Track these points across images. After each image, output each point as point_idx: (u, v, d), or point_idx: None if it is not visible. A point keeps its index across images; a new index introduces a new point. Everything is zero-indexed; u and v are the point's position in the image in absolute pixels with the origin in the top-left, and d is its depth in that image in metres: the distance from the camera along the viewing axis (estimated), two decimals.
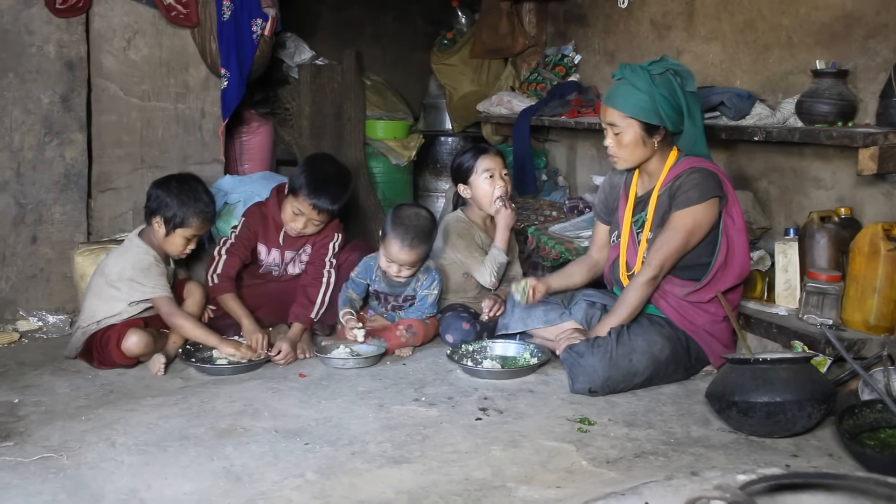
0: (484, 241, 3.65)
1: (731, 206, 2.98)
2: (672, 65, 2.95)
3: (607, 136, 3.00)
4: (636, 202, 3.12)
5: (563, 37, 5.05)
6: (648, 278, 2.95)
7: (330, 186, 3.44)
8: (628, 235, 3.11)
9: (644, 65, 2.93)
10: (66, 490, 2.15)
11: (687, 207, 2.92)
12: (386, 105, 5.19)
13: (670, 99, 2.89)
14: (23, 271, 3.71)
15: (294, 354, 3.25)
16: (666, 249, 2.94)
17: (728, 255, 2.99)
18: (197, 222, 3.31)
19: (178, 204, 3.27)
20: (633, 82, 2.89)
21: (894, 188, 3.12)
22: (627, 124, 2.93)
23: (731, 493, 1.12)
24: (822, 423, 2.55)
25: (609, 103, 2.97)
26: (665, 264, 2.96)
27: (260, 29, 4.09)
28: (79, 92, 3.76)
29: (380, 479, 2.23)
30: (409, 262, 3.34)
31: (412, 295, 3.48)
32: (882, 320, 2.90)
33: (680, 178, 2.96)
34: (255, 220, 3.55)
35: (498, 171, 3.60)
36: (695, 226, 2.93)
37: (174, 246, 3.31)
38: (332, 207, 3.46)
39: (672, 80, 2.90)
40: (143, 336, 3.09)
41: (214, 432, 2.53)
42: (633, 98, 2.89)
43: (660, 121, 2.91)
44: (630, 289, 3.00)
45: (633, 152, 2.98)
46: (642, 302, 3.00)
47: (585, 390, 2.87)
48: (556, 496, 2.14)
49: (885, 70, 3.03)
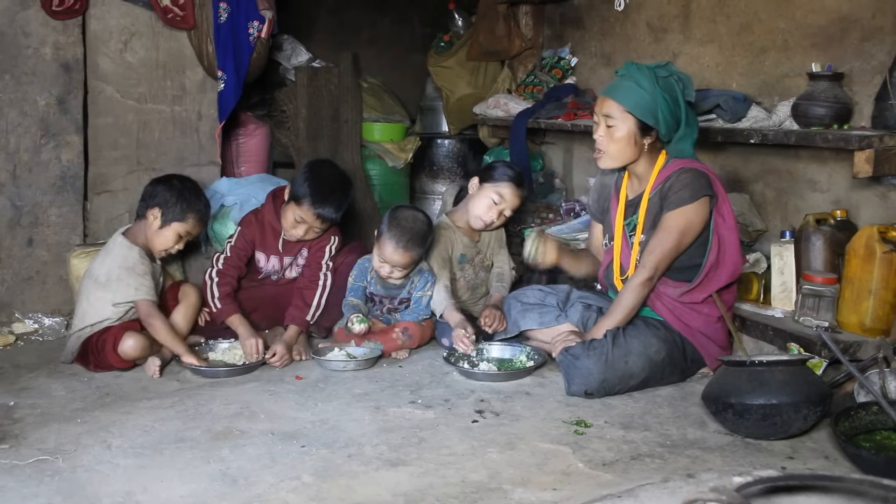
0: (466, 244, 3.65)
1: (721, 204, 2.99)
2: (676, 71, 2.97)
3: (598, 129, 2.99)
4: (627, 205, 3.13)
5: (560, 39, 5.05)
6: (643, 280, 2.96)
7: (334, 195, 3.44)
8: (621, 239, 3.12)
9: (650, 66, 2.95)
10: (62, 493, 2.15)
11: (679, 207, 2.92)
12: (383, 107, 5.19)
13: (671, 104, 2.90)
14: (18, 273, 3.70)
15: (290, 357, 3.24)
16: (660, 250, 2.94)
17: (720, 254, 2.99)
18: (194, 220, 3.32)
19: (180, 198, 3.28)
20: (637, 80, 2.90)
21: (890, 191, 3.13)
22: (624, 119, 2.93)
23: (728, 496, 1.12)
24: (818, 425, 2.55)
25: (610, 95, 2.96)
26: (660, 265, 2.96)
27: (256, 31, 4.09)
28: (75, 94, 3.75)
29: (376, 482, 2.23)
30: (401, 263, 3.34)
31: (407, 298, 3.47)
32: (877, 322, 2.90)
33: (670, 180, 2.97)
34: (251, 230, 3.53)
35: (508, 207, 3.58)
36: (687, 225, 2.93)
37: (164, 240, 3.29)
38: (335, 216, 3.47)
39: (675, 86, 2.92)
40: (139, 339, 3.08)
41: (211, 435, 2.53)
42: (635, 94, 2.90)
43: (655, 123, 2.91)
44: (625, 291, 3.00)
45: (622, 149, 2.97)
46: (638, 304, 3.00)
47: (582, 392, 2.87)
48: (553, 498, 2.14)
49: (881, 73, 3.04)
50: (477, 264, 3.70)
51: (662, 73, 2.92)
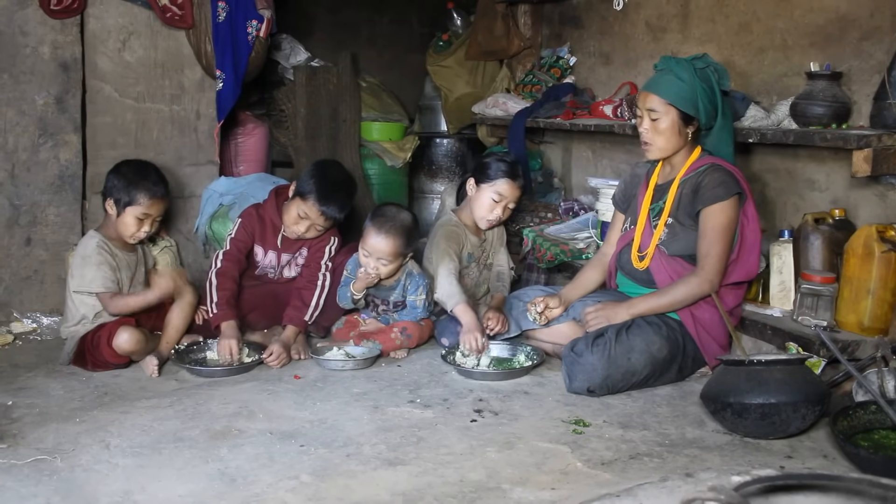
0: (474, 243, 3.65)
1: (747, 205, 3.04)
2: (712, 62, 3.08)
3: (643, 122, 3.07)
4: (655, 190, 3.18)
5: (559, 39, 5.05)
6: (703, 280, 2.95)
7: (339, 195, 3.46)
8: (645, 222, 3.15)
9: (688, 58, 3.05)
10: (60, 493, 2.15)
11: (716, 203, 2.96)
12: (381, 107, 5.19)
13: (709, 93, 3.01)
14: (17, 273, 3.70)
15: (288, 356, 3.24)
16: (715, 252, 2.95)
17: (739, 252, 3.03)
18: (145, 199, 3.30)
19: (125, 183, 3.30)
20: (677, 73, 3.00)
21: (888, 190, 3.13)
22: (666, 111, 3.01)
23: (726, 495, 1.12)
24: (817, 424, 2.55)
25: (651, 90, 3.05)
26: (717, 267, 2.96)
27: (255, 30, 4.09)
28: (73, 93, 3.75)
29: (375, 481, 2.23)
30: (384, 252, 3.28)
31: (401, 300, 3.47)
32: (876, 322, 2.90)
33: (701, 174, 3.02)
34: (251, 222, 3.53)
35: (509, 201, 3.59)
36: (728, 222, 2.98)
37: (126, 227, 3.30)
38: (339, 216, 3.48)
39: (711, 77, 3.03)
40: (133, 332, 3.08)
41: (209, 434, 2.53)
42: (675, 87, 2.99)
43: (696, 112, 3.01)
44: (682, 283, 2.99)
45: (669, 139, 3.04)
46: (687, 300, 2.99)
47: (584, 389, 2.88)
48: (551, 498, 2.14)
49: (879, 72, 3.04)
50: (481, 263, 3.71)
51: (700, 64, 3.04)
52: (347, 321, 3.55)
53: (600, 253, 3.42)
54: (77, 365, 3.17)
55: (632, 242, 3.18)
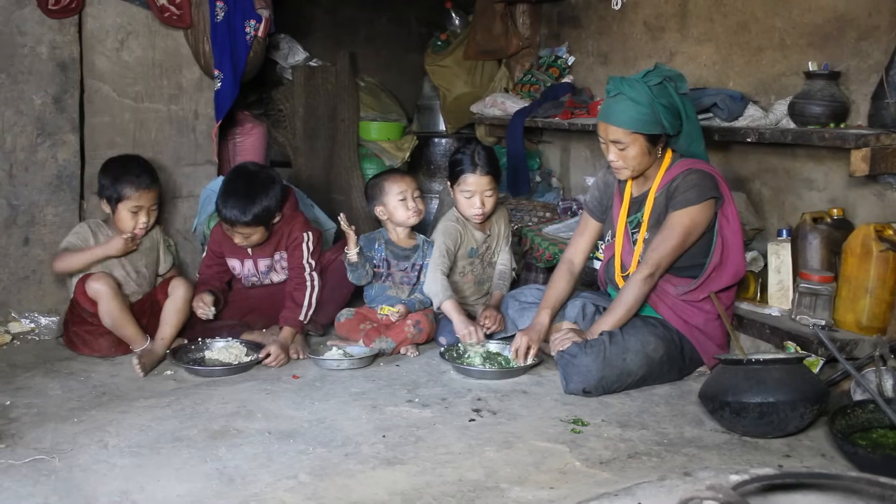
0: (478, 239, 3.65)
1: (726, 206, 3.00)
2: (666, 72, 2.95)
3: (610, 153, 2.97)
4: (631, 203, 3.13)
5: (557, 38, 5.05)
6: (645, 276, 2.96)
7: (233, 200, 3.35)
8: (623, 236, 3.12)
9: (639, 77, 2.91)
10: (58, 492, 2.14)
11: (685, 208, 2.93)
12: (380, 106, 5.19)
13: (669, 107, 2.90)
14: (15, 273, 3.69)
15: (285, 357, 3.24)
16: (663, 248, 2.95)
17: (723, 255, 3.01)
18: (133, 192, 3.37)
19: (111, 181, 3.38)
20: (632, 97, 2.87)
21: (886, 189, 3.13)
22: (633, 139, 2.92)
23: (724, 494, 1.12)
24: (815, 423, 2.55)
25: (611, 121, 2.92)
26: (662, 263, 2.97)
27: (253, 30, 4.08)
28: (71, 93, 3.74)
29: (373, 481, 2.23)
30: (413, 186, 3.61)
31: (420, 263, 3.57)
32: (874, 321, 2.90)
33: (677, 180, 2.98)
34: (217, 236, 3.58)
35: (483, 191, 3.52)
36: (692, 225, 2.94)
37: (123, 223, 3.38)
38: (244, 219, 3.35)
39: (668, 87, 2.91)
40: (102, 275, 3.22)
41: (207, 434, 2.53)
42: (634, 113, 2.87)
43: (662, 129, 2.92)
44: (627, 287, 3.00)
45: (640, 161, 2.98)
46: (639, 301, 3.00)
47: (580, 390, 2.87)
48: (550, 497, 2.14)
49: (877, 72, 3.04)
50: (486, 259, 3.70)
51: (654, 79, 2.89)
52: (357, 313, 3.55)
53: (566, 260, 3.30)
54: (67, 345, 3.34)
55: (613, 259, 3.15)
